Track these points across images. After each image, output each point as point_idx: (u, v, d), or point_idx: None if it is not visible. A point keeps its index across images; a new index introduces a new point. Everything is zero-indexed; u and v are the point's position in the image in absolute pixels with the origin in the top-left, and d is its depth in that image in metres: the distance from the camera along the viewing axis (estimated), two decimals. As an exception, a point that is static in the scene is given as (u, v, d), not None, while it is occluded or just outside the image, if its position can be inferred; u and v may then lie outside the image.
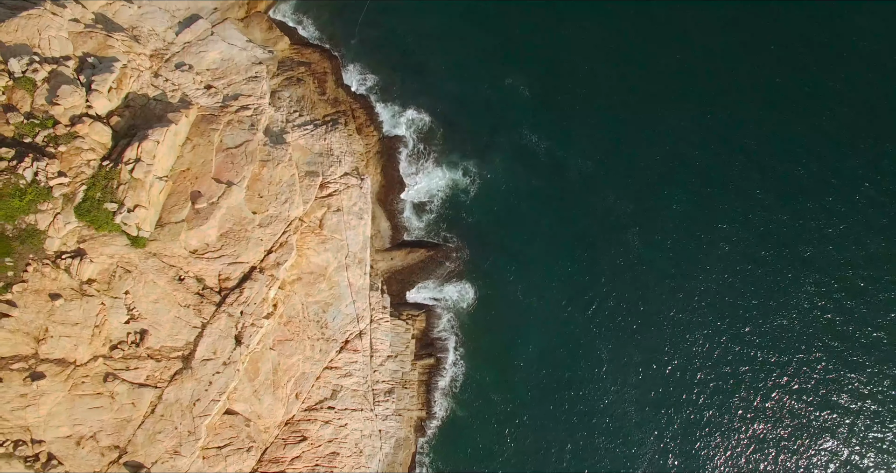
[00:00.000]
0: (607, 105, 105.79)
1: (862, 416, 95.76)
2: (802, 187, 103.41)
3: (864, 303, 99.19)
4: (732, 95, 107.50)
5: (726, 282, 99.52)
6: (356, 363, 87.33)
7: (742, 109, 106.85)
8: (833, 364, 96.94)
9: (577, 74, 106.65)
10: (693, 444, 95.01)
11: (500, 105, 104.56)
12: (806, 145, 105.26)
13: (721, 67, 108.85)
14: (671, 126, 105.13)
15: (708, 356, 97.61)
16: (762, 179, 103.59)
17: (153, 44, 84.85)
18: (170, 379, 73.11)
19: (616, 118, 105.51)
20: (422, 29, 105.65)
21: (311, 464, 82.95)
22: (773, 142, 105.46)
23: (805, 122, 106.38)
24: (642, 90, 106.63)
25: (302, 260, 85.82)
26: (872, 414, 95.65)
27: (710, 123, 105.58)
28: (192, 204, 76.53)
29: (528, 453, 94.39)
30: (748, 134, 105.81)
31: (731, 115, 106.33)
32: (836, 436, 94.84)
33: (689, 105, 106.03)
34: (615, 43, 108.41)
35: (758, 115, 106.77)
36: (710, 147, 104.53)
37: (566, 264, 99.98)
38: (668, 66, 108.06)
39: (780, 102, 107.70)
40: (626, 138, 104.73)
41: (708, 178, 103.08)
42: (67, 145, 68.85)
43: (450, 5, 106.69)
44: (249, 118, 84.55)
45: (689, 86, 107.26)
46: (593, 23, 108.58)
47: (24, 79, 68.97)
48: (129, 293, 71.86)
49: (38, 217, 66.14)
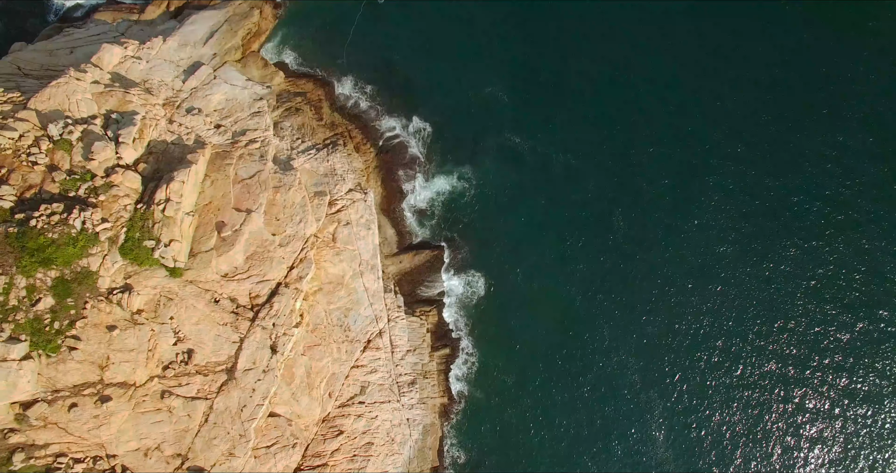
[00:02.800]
0: (580, 102, 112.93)
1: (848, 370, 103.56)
2: (778, 160, 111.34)
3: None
4: (696, 85, 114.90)
5: (706, 252, 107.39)
6: (379, 360, 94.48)
7: (709, 96, 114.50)
8: (824, 328, 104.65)
9: (549, 77, 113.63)
10: (695, 406, 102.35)
11: (483, 112, 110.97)
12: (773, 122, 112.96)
13: (680, 60, 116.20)
14: (644, 115, 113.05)
15: (699, 323, 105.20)
16: (730, 146, 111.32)
17: (164, 93, 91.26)
18: (218, 391, 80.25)
19: (590, 113, 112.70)
20: (403, 48, 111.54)
21: (349, 455, 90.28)
22: (735, 120, 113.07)
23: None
24: (611, 87, 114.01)
25: (321, 272, 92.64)
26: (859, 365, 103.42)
27: (677, 112, 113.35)
28: (218, 233, 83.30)
29: (544, 425, 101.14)
30: (714, 117, 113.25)
31: (695, 103, 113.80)
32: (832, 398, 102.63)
33: (656, 96, 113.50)
34: (580, 46, 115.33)
35: (723, 98, 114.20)
36: (679, 134, 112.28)
37: (561, 249, 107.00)
38: (634, 62, 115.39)
39: (743, 87, 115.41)
40: (601, 130, 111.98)
41: (680, 159, 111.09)
42: (106, 194, 75.62)
43: (428, 24, 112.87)
44: (258, 150, 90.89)
45: (655, 79, 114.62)
46: (558, 32, 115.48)
47: (62, 141, 75.73)
48: (174, 318, 78.77)
49: (89, 260, 72.82)
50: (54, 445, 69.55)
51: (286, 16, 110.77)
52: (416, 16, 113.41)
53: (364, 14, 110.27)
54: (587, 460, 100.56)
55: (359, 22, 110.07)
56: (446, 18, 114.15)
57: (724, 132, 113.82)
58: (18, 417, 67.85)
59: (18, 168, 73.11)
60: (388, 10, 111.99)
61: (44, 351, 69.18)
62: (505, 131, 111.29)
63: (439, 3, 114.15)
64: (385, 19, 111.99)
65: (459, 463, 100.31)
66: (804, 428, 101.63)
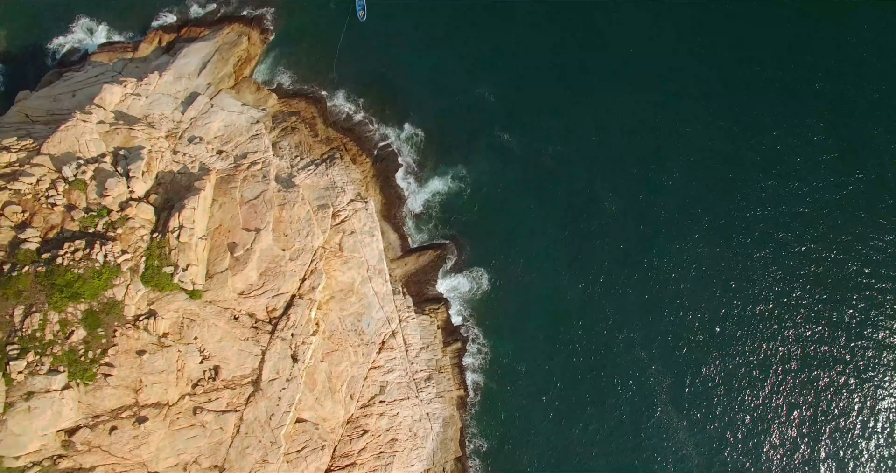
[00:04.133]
0: (564, 96, 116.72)
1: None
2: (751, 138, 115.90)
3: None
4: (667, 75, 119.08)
5: (690, 227, 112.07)
6: (395, 359, 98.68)
7: (688, 81, 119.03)
8: (811, 293, 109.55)
9: (533, 75, 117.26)
10: (699, 376, 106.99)
11: (472, 113, 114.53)
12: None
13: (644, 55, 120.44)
14: (621, 106, 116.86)
15: (696, 296, 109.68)
16: (714, 126, 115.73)
17: (166, 126, 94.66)
18: (246, 402, 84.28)
19: (571, 108, 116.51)
20: (389, 60, 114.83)
21: (375, 453, 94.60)
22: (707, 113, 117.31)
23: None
24: (591, 79, 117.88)
25: (331, 281, 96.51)
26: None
27: (650, 101, 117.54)
28: (230, 253, 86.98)
29: (559, 407, 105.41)
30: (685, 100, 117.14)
31: (673, 87, 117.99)
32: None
33: (633, 87, 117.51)
34: (560, 43, 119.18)
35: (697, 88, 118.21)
36: (653, 120, 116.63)
37: (556, 237, 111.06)
38: (607, 58, 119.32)
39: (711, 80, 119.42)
40: (584, 122, 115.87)
41: (663, 142, 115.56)
42: (123, 227, 79.40)
43: (409, 36, 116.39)
44: (260, 171, 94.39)
45: (630, 72, 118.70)
46: (535, 34, 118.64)
47: (77, 181, 79.51)
48: (198, 338, 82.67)
49: (114, 291, 76.63)
50: (100, 467, 73.65)
51: (274, 39, 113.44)
52: (398, 29, 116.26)
53: (347, 31, 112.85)
54: (603, 437, 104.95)
55: (344, 39, 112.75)
56: (426, 29, 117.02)
57: (706, 112, 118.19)
58: (65, 443, 72.08)
59: (39, 211, 76.95)
60: (370, 25, 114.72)
61: (81, 380, 73.35)
62: (495, 130, 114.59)
63: (417, 15, 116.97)
64: (368, 34, 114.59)
65: (482, 451, 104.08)
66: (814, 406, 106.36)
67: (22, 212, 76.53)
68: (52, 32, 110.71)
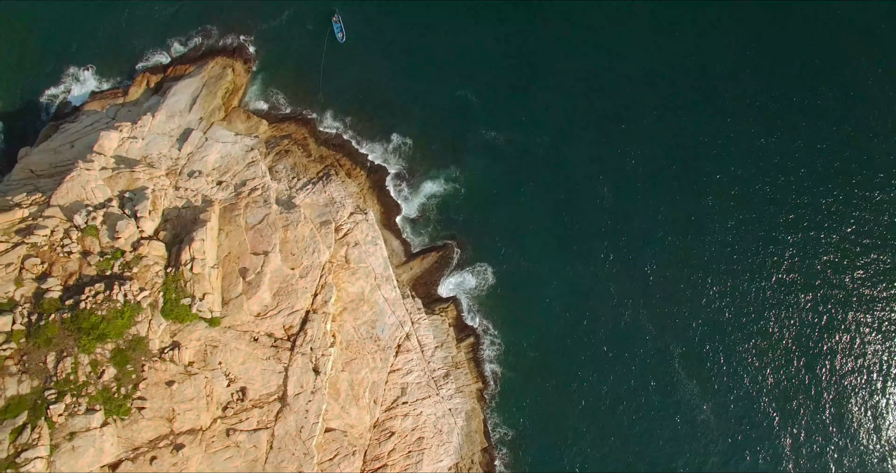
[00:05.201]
0: (542, 89, 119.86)
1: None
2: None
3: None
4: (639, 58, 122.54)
5: (691, 204, 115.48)
6: (412, 360, 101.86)
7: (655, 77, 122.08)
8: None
9: (509, 73, 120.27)
10: (708, 343, 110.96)
11: (456, 115, 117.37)
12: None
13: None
14: (597, 90, 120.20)
15: (696, 267, 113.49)
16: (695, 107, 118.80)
17: (165, 164, 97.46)
18: (275, 418, 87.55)
19: (553, 97, 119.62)
20: (371, 75, 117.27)
21: (404, 453, 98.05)
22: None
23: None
24: (567, 71, 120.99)
25: (342, 293, 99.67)
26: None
27: (631, 86, 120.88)
28: (243, 278, 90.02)
29: (574, 385, 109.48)
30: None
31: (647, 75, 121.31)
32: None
33: (614, 72, 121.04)
34: (523, 42, 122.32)
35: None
36: (630, 99, 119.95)
37: (553, 224, 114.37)
38: (585, 50, 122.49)
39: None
40: (566, 110, 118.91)
41: (639, 122, 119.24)
42: (138, 266, 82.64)
43: (388, 52, 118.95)
44: (261, 196, 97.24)
45: (598, 55, 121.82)
46: (503, 32, 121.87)
47: (89, 228, 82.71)
48: (222, 363, 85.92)
49: (138, 327, 79.81)
50: (146, 496, 77.50)
51: (257, 67, 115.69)
52: (375, 46, 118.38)
53: (328, 53, 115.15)
54: (621, 412, 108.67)
55: (325, 61, 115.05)
56: (402, 43, 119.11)
57: (685, 88, 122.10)
58: (110, 477, 75.86)
59: (57, 260, 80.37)
60: (350, 45, 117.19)
61: (118, 416, 76.71)
62: (480, 128, 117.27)
63: (392, 32, 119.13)
64: (348, 54, 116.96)
65: (508, 440, 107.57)
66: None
67: (41, 264, 79.71)
68: (41, 84, 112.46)
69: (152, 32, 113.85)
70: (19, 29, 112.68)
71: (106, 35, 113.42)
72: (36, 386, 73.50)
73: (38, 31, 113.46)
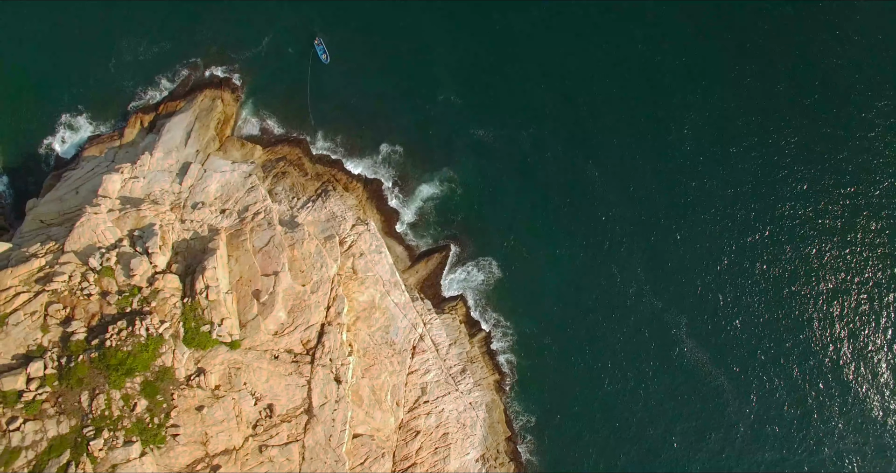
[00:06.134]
0: (522, 84, 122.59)
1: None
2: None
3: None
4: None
5: (673, 175, 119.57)
6: (428, 360, 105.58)
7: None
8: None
9: (487, 73, 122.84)
10: (713, 310, 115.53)
11: (442, 118, 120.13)
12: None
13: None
14: (576, 78, 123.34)
15: (690, 239, 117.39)
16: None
17: (169, 199, 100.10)
18: (304, 430, 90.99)
19: (532, 90, 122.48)
20: (355, 91, 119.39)
21: (431, 450, 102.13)
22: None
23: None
24: (539, 66, 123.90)
25: (353, 302, 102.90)
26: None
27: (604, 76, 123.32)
28: (257, 300, 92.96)
29: (589, 365, 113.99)
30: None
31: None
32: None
33: (577, 59, 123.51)
34: (499, 38, 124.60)
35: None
36: (610, 84, 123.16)
37: (550, 213, 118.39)
38: (556, 46, 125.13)
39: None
40: (548, 101, 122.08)
41: (620, 106, 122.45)
42: (155, 300, 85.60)
43: (370, 67, 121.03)
44: (264, 219, 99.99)
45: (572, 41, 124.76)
46: (477, 31, 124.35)
47: (104, 269, 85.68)
48: (247, 383, 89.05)
49: (163, 358, 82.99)
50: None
51: (245, 95, 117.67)
52: (359, 63, 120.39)
53: (314, 74, 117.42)
54: (635, 384, 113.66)
55: (312, 81, 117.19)
56: (382, 57, 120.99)
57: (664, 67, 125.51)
58: (153, 505, 79.34)
59: (78, 303, 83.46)
60: (334, 65, 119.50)
61: (154, 445, 79.99)
62: (468, 128, 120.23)
63: (372, 47, 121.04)
64: (334, 73, 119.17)
65: (531, 426, 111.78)
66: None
67: (64, 308, 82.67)
68: (39, 136, 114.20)
69: (140, 73, 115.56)
70: (10, 83, 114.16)
71: (95, 80, 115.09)
72: (74, 424, 76.78)
73: (28, 83, 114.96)
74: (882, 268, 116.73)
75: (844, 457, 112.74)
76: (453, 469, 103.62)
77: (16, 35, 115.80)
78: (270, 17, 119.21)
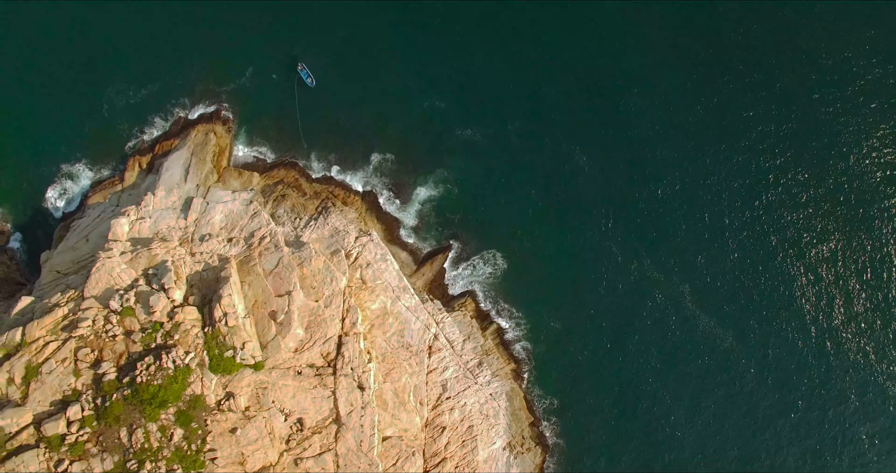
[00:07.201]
0: (499, 80, 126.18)
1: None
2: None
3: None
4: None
5: (662, 150, 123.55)
6: (445, 358, 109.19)
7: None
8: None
9: (465, 72, 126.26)
10: (710, 272, 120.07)
11: (428, 123, 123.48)
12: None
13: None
14: (554, 70, 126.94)
15: (681, 206, 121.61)
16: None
17: (176, 235, 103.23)
18: (335, 439, 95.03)
19: (512, 86, 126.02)
20: (343, 110, 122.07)
21: (459, 443, 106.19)
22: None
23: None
24: (515, 65, 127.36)
25: (366, 312, 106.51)
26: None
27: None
28: (274, 321, 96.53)
29: (601, 342, 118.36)
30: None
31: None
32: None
33: (553, 52, 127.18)
34: (475, 39, 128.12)
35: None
36: (591, 73, 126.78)
37: (546, 201, 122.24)
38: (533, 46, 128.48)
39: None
40: (526, 97, 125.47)
41: (600, 91, 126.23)
42: (178, 333, 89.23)
43: (353, 86, 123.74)
44: (271, 243, 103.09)
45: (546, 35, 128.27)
46: (451, 34, 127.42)
47: (126, 309, 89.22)
48: (275, 401, 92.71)
49: (192, 387, 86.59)
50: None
51: (237, 124, 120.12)
52: (344, 82, 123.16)
53: (300, 98, 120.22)
54: (651, 356, 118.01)
55: (299, 105, 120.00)
56: (365, 73, 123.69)
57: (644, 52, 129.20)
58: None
59: (105, 345, 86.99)
60: (320, 87, 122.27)
61: (194, 470, 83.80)
62: (455, 130, 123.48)
63: (355, 65, 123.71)
64: (320, 95, 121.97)
65: (554, 408, 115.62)
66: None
67: (92, 352, 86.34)
68: (41, 189, 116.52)
69: (133, 115, 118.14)
70: (6, 141, 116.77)
71: (90, 127, 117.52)
72: (118, 460, 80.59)
73: (25, 138, 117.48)
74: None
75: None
76: (482, 459, 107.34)
77: (6, 93, 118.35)
78: (251, 48, 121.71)
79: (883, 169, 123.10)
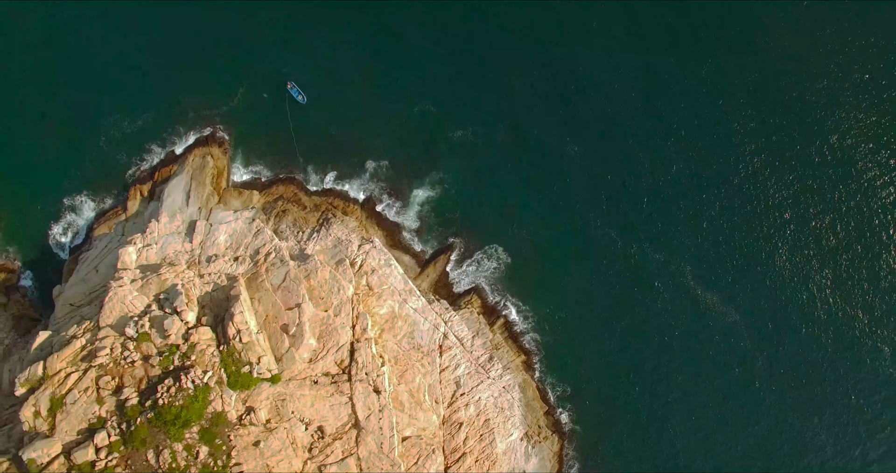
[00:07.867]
0: (484, 81, 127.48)
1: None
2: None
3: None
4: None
5: (654, 137, 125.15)
6: (456, 356, 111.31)
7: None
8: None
9: (451, 76, 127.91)
10: (709, 251, 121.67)
11: (420, 127, 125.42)
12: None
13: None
14: (537, 65, 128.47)
15: (676, 189, 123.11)
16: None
17: (184, 258, 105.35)
18: (356, 444, 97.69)
19: (497, 86, 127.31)
20: (336, 123, 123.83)
21: (477, 437, 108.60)
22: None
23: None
24: (501, 65, 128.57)
25: (375, 317, 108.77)
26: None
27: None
28: (286, 334, 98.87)
29: (609, 327, 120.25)
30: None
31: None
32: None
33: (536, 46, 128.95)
34: (459, 43, 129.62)
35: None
36: (572, 66, 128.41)
37: (542, 192, 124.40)
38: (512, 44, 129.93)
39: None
40: (513, 95, 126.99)
41: (584, 83, 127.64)
42: (194, 353, 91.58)
43: (344, 99, 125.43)
44: (276, 258, 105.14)
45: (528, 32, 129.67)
46: (436, 40, 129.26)
47: (142, 335, 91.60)
48: (294, 411, 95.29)
49: (213, 405, 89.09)
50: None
51: (233, 145, 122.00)
52: (334, 95, 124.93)
53: (293, 115, 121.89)
54: (658, 335, 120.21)
55: (292, 121, 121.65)
56: (355, 84, 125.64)
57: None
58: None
59: (125, 372, 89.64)
60: (311, 103, 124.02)
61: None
62: (447, 132, 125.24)
63: (343, 78, 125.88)
64: (311, 111, 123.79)
65: (567, 395, 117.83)
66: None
67: (112, 379, 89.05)
68: (47, 225, 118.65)
69: (129, 146, 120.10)
70: (7, 181, 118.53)
71: (89, 160, 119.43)
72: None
73: (26, 176, 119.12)
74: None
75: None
76: (501, 451, 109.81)
77: (3, 133, 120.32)
78: (240, 70, 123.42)
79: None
